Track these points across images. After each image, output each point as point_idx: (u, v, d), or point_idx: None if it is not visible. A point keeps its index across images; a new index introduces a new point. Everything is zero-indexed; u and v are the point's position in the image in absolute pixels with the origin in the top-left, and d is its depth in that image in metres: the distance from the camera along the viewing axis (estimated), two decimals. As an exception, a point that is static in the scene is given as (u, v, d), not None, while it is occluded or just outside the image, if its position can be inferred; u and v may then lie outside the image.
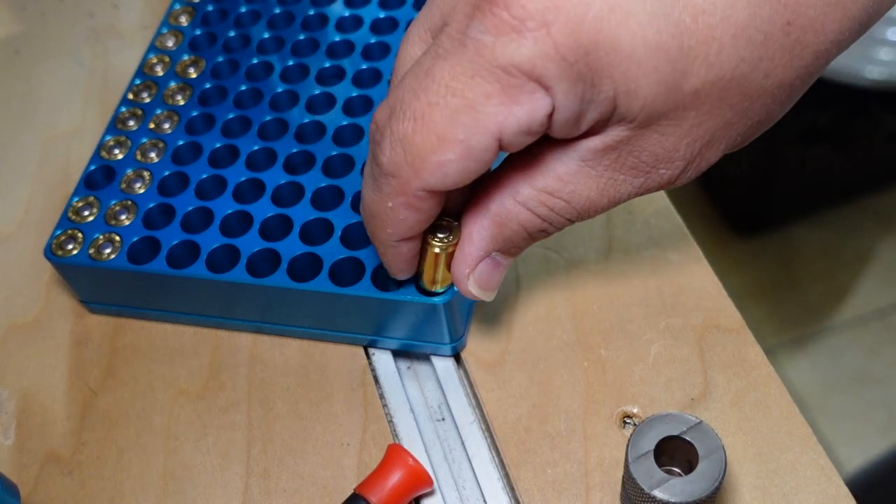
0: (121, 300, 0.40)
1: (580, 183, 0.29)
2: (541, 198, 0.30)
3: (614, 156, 0.29)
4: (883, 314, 1.24)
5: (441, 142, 0.27)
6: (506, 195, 0.30)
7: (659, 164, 0.29)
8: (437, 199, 0.30)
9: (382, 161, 0.29)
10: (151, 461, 0.36)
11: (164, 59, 0.45)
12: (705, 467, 0.29)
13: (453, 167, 0.28)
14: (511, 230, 0.31)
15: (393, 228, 0.31)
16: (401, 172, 0.28)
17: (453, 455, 0.36)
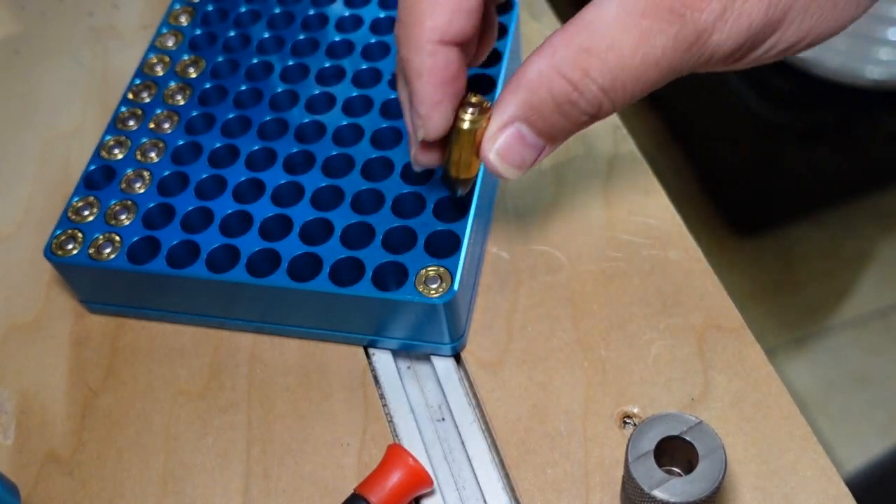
0: (121, 300, 0.40)
1: (616, 34, 0.28)
2: (576, 58, 0.28)
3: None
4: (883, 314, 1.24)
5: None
6: (544, 58, 0.29)
7: (694, 3, 0.27)
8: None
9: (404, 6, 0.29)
10: (151, 461, 0.36)
11: (163, 59, 0.45)
12: (705, 467, 0.29)
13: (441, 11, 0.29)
14: (540, 98, 0.29)
15: (433, 19, 0.30)
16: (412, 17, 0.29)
17: (453, 455, 0.36)
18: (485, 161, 0.31)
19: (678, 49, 0.28)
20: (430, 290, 0.35)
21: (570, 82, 0.29)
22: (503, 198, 0.43)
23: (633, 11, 0.28)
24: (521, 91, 0.30)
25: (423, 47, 0.30)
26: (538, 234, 0.41)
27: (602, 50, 0.28)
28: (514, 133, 0.30)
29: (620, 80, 0.28)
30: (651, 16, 0.27)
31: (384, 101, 0.42)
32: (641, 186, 0.42)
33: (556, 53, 0.29)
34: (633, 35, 0.28)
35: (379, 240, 0.36)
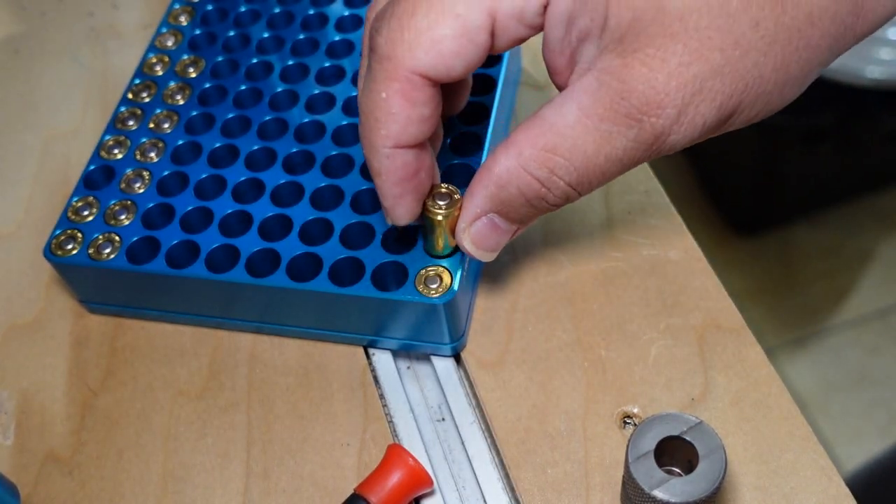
0: (120, 300, 0.40)
1: (578, 136, 0.29)
2: (541, 157, 0.30)
3: (607, 100, 0.29)
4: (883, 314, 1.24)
5: (439, 16, 0.28)
6: (511, 157, 0.31)
7: (650, 110, 0.29)
8: (432, 94, 0.30)
9: (379, 43, 0.29)
10: (151, 461, 0.36)
11: (163, 59, 0.45)
12: (705, 467, 0.29)
13: (448, 44, 0.29)
14: (509, 193, 0.31)
15: (387, 128, 0.30)
16: (396, 52, 0.29)
17: (453, 455, 0.36)
18: (461, 247, 0.34)
19: (638, 149, 0.30)
20: (430, 290, 0.35)
21: (538, 180, 0.31)
22: (503, 198, 0.43)
23: (593, 115, 0.29)
24: (491, 186, 0.31)
25: (380, 151, 0.31)
26: (538, 234, 0.41)
27: (566, 150, 0.30)
28: (486, 223, 0.33)
29: (586, 176, 0.30)
30: (610, 119, 0.29)
31: (384, 101, 0.42)
32: (641, 186, 0.42)
33: (523, 153, 0.30)
34: (594, 137, 0.29)
35: (379, 240, 0.36)
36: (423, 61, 0.29)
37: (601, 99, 0.29)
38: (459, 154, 0.39)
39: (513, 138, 0.31)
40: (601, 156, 0.30)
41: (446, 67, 0.29)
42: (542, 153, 0.30)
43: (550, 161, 0.30)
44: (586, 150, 0.30)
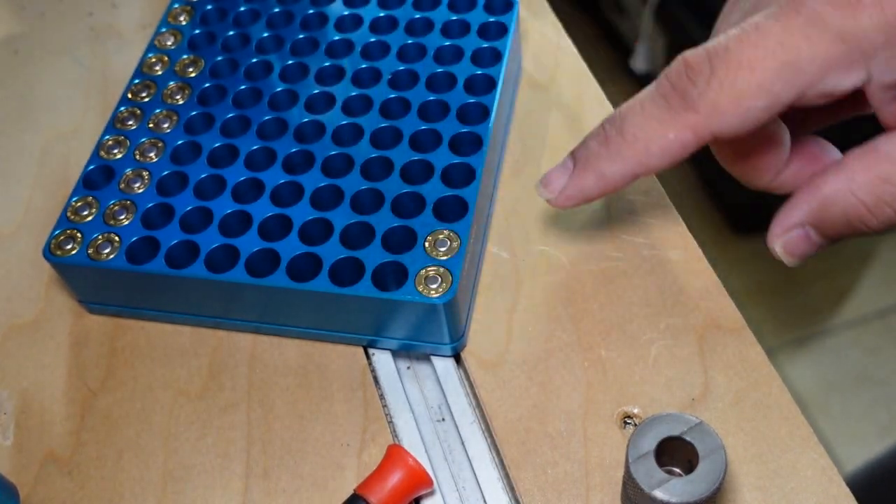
0: (120, 300, 0.40)
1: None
2: (873, 184, 0.31)
3: None
4: (884, 314, 1.24)
5: (759, 89, 0.29)
6: (841, 179, 0.31)
7: None
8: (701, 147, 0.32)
9: (692, 95, 0.30)
10: (151, 461, 0.36)
11: (163, 59, 0.45)
12: (706, 467, 0.29)
13: (754, 115, 0.30)
14: (832, 213, 0.32)
15: (644, 159, 0.32)
16: (705, 109, 0.30)
17: (453, 455, 0.36)
18: (771, 249, 0.34)
19: None
20: (430, 290, 0.35)
21: (864, 205, 0.31)
22: (503, 198, 0.43)
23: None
24: (815, 203, 0.32)
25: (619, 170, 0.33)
26: (538, 234, 0.41)
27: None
28: (801, 233, 0.33)
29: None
30: None
31: (384, 101, 0.42)
32: (641, 186, 0.42)
33: (855, 178, 0.31)
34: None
35: (379, 240, 0.36)
36: (727, 124, 0.30)
37: None
38: (459, 154, 0.39)
39: (847, 163, 0.31)
40: None
41: (742, 130, 0.31)
42: (875, 180, 0.31)
43: (881, 189, 0.31)
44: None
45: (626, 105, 0.33)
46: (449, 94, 0.42)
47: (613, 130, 0.33)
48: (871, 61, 0.29)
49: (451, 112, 0.41)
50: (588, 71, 0.48)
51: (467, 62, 0.43)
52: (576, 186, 0.34)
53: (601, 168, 0.33)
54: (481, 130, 0.40)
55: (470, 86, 0.42)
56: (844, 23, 0.28)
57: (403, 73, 0.43)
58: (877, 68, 0.29)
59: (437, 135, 0.40)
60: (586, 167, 0.34)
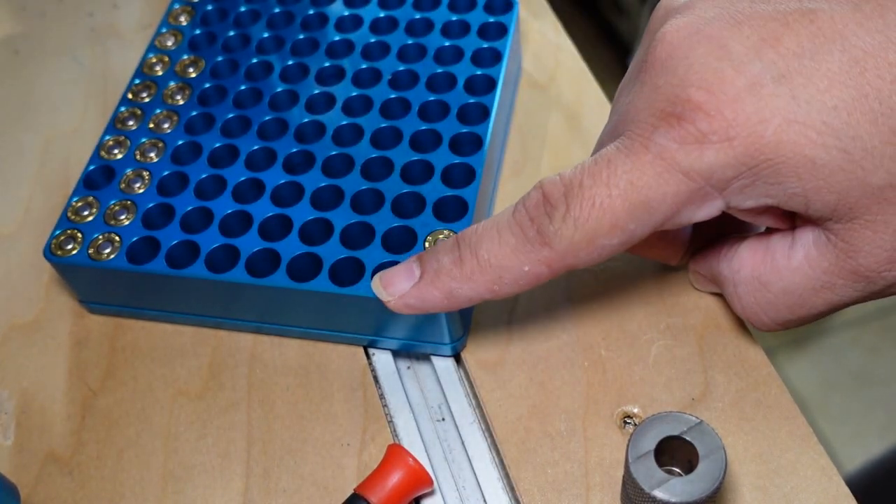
0: (120, 300, 0.40)
1: (796, 282, 0.31)
2: (753, 286, 0.32)
3: (833, 256, 0.30)
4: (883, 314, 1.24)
5: (612, 229, 0.30)
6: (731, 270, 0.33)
7: (881, 268, 0.29)
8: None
9: (549, 232, 0.30)
10: (151, 461, 0.36)
11: (163, 59, 0.45)
12: (706, 467, 0.29)
13: (609, 251, 0.30)
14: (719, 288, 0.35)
15: (500, 286, 0.32)
16: (560, 247, 0.30)
17: (453, 455, 0.36)
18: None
19: (865, 296, 0.31)
20: (430, 289, 0.35)
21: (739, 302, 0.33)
22: (503, 198, 0.43)
23: (817, 267, 0.30)
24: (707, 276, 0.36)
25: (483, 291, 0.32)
26: (538, 233, 0.41)
27: (779, 290, 0.32)
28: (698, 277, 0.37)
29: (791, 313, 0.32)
30: (835, 273, 0.30)
31: (384, 101, 0.42)
32: (641, 186, 0.42)
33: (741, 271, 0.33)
34: (814, 286, 0.31)
35: (379, 240, 0.36)
36: (580, 261, 0.31)
37: (825, 254, 0.30)
38: (459, 154, 0.39)
39: (740, 253, 0.33)
40: (819, 300, 0.31)
41: (595, 263, 0.31)
42: (755, 281, 0.32)
43: (759, 293, 0.32)
44: (801, 293, 0.31)
45: (483, 227, 0.32)
46: (449, 94, 0.42)
47: (468, 252, 0.32)
48: (725, 192, 0.29)
49: (451, 112, 0.41)
50: (588, 71, 0.48)
51: (467, 62, 0.43)
52: (418, 297, 0.33)
53: (450, 286, 0.32)
54: (481, 130, 0.40)
55: (470, 86, 0.42)
56: (691, 161, 0.28)
57: (404, 73, 0.43)
58: (733, 198, 0.29)
59: (437, 135, 0.40)
60: (435, 281, 0.32)
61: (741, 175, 0.28)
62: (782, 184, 0.28)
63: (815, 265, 0.30)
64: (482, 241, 0.32)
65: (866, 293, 0.30)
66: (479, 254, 0.32)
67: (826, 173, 0.27)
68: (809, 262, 0.30)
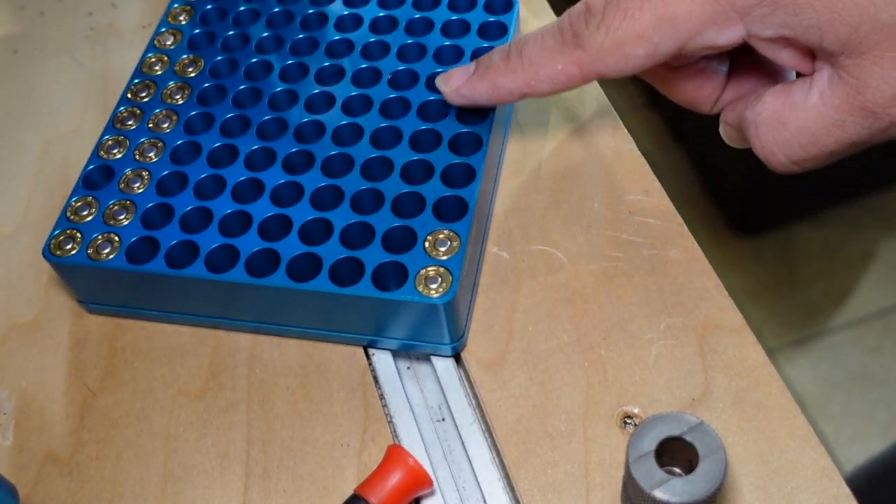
0: (120, 300, 0.39)
1: (810, 119, 0.32)
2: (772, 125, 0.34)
3: (843, 93, 0.31)
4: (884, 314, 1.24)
5: (639, 39, 0.33)
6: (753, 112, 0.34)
7: (886, 103, 0.31)
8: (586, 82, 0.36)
9: (584, 34, 0.34)
10: (151, 461, 0.36)
11: (162, 59, 0.45)
12: (706, 468, 0.29)
13: (634, 62, 0.33)
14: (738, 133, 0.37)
15: (534, 82, 0.36)
16: (591, 49, 0.34)
17: (453, 455, 0.36)
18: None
19: (873, 134, 0.32)
20: (430, 290, 0.35)
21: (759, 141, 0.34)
22: (503, 197, 0.43)
23: (829, 104, 0.32)
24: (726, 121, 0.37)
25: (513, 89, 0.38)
26: (538, 234, 0.41)
27: (795, 128, 0.33)
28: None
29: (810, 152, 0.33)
30: (845, 110, 0.31)
31: (384, 101, 0.42)
32: (641, 186, 0.42)
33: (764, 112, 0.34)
34: (826, 123, 0.32)
35: (379, 240, 0.36)
36: (608, 67, 0.34)
37: (837, 91, 0.31)
38: (459, 154, 0.39)
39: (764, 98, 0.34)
40: (831, 139, 0.32)
41: (624, 73, 0.34)
42: (775, 122, 0.34)
43: (777, 132, 0.33)
44: (815, 131, 0.32)
45: (532, 32, 0.36)
46: (449, 93, 0.42)
47: (515, 51, 0.37)
48: (746, 18, 0.31)
49: (451, 112, 0.41)
50: (588, 71, 0.48)
51: (467, 62, 0.43)
52: (470, 88, 0.39)
53: (496, 79, 0.37)
54: (481, 130, 0.40)
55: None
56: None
57: (403, 72, 0.43)
58: (753, 25, 0.31)
59: (437, 135, 0.40)
60: (484, 75, 0.38)
61: (763, 3, 0.30)
62: (799, 15, 0.30)
63: (828, 102, 0.32)
64: (528, 41, 0.36)
65: (873, 130, 0.32)
66: (524, 52, 0.36)
67: (839, 6, 0.29)
68: (823, 100, 0.32)
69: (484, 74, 0.38)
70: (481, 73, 0.38)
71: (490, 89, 0.38)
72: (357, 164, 0.39)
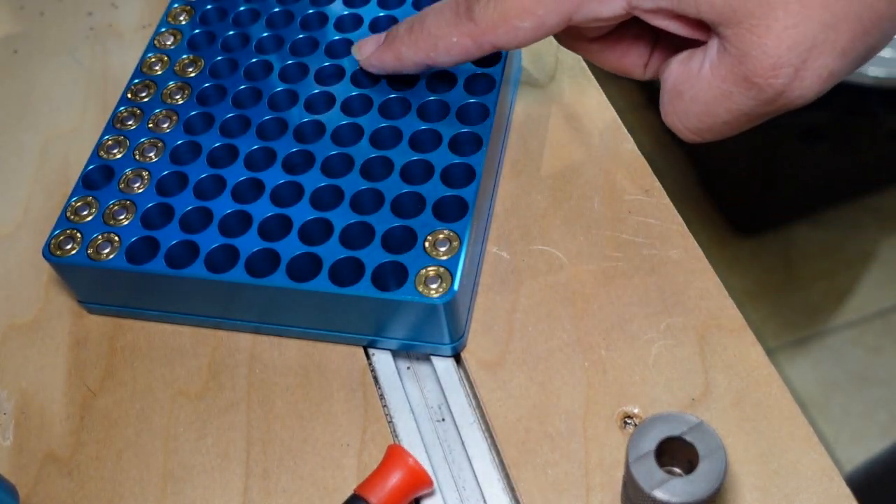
0: (120, 300, 0.39)
1: (702, 89, 0.33)
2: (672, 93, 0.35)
3: (728, 63, 0.31)
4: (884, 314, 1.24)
5: (523, 11, 0.34)
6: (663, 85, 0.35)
7: (765, 73, 0.31)
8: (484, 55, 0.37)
9: (475, 8, 0.35)
10: (151, 462, 0.36)
11: (162, 59, 0.45)
12: (706, 467, 0.29)
13: (523, 34, 0.35)
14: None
15: (436, 53, 0.37)
16: (482, 23, 0.35)
17: (453, 455, 0.36)
18: None
19: (760, 105, 0.32)
20: (430, 290, 0.35)
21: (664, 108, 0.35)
22: (503, 198, 0.43)
23: (717, 74, 0.32)
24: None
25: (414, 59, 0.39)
26: (538, 234, 0.41)
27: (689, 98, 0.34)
28: None
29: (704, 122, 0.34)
30: (730, 81, 0.32)
31: (384, 101, 0.42)
32: (641, 186, 0.42)
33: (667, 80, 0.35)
34: (715, 94, 0.33)
35: (379, 240, 0.36)
36: (498, 40, 0.35)
37: (724, 61, 0.32)
38: (459, 154, 0.39)
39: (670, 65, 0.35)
40: (721, 109, 0.33)
41: (516, 45, 0.35)
42: (674, 90, 0.34)
43: (677, 101, 0.34)
44: (706, 101, 0.33)
45: (435, 4, 0.38)
46: (449, 94, 0.42)
47: (418, 23, 0.38)
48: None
49: (451, 112, 0.41)
50: (588, 71, 0.48)
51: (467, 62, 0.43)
52: (378, 58, 0.40)
53: (400, 49, 0.39)
54: (481, 130, 0.40)
55: (470, 86, 0.42)
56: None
57: (403, 72, 0.43)
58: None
59: (437, 135, 0.40)
60: (390, 46, 0.39)
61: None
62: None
63: (716, 73, 0.32)
64: (428, 14, 0.38)
65: (760, 102, 0.32)
66: (424, 24, 0.38)
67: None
68: (713, 70, 0.32)
69: (390, 45, 0.39)
70: (388, 44, 0.40)
71: (395, 59, 0.39)
72: (357, 164, 0.39)
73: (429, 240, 0.36)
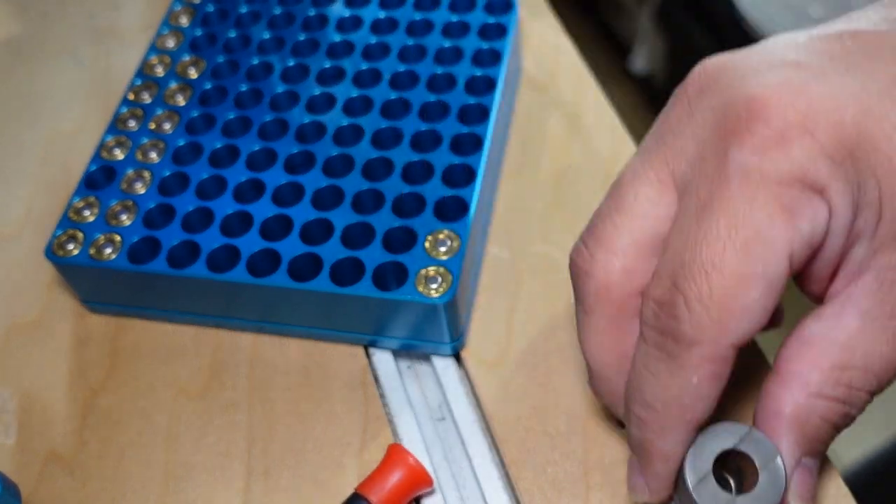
0: (121, 300, 0.40)
1: (869, 342, 0.27)
2: (834, 378, 0.28)
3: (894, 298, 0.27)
4: (883, 314, 1.24)
5: (742, 282, 0.26)
6: (795, 391, 0.28)
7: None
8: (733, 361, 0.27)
9: (684, 331, 0.26)
10: (152, 460, 0.36)
11: (164, 60, 0.45)
12: (767, 479, 0.27)
13: (758, 306, 0.26)
14: (813, 427, 0.28)
15: (693, 412, 0.27)
16: (707, 334, 0.26)
17: (453, 455, 0.36)
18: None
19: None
20: (431, 289, 0.35)
21: (838, 401, 0.28)
22: (503, 198, 0.43)
23: (881, 316, 0.27)
24: (791, 431, 0.28)
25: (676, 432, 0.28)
26: (538, 234, 0.41)
27: (860, 361, 0.27)
28: (804, 471, 0.29)
29: (886, 374, 0.28)
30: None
31: (384, 102, 0.42)
32: (641, 186, 0.42)
33: (810, 382, 0.28)
34: (887, 337, 0.27)
35: (379, 240, 0.37)
36: (738, 332, 0.26)
37: (887, 298, 0.27)
38: (459, 154, 0.39)
39: (786, 369, 0.28)
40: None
41: (758, 326, 0.26)
42: (834, 372, 0.28)
43: (844, 377, 0.28)
44: (882, 351, 0.27)
45: (634, 375, 0.29)
46: (449, 94, 0.42)
47: (642, 410, 0.28)
48: (826, 191, 0.26)
49: (451, 112, 0.41)
50: (588, 71, 0.48)
51: (467, 63, 0.43)
52: (652, 477, 0.30)
53: (658, 449, 0.29)
54: (481, 130, 0.40)
55: (470, 86, 0.42)
56: (779, 166, 0.25)
57: (404, 73, 0.43)
58: (837, 198, 0.26)
59: (438, 135, 0.40)
60: (647, 456, 0.29)
61: (837, 163, 0.25)
62: (862, 188, 0.25)
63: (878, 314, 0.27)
64: (643, 388, 0.28)
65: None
66: (648, 402, 0.28)
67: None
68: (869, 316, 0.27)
69: (646, 456, 0.29)
70: (643, 457, 0.29)
71: (665, 462, 0.29)
72: (358, 165, 0.39)
73: (429, 240, 0.36)
